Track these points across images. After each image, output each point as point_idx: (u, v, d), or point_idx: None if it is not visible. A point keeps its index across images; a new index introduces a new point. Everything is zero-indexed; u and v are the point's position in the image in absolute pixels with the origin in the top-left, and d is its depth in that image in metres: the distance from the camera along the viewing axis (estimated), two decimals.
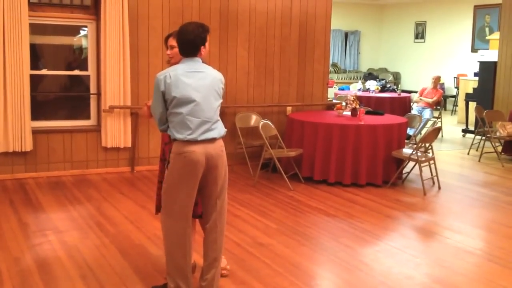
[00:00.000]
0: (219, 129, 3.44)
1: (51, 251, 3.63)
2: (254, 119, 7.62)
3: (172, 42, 3.68)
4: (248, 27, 7.78)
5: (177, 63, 3.51)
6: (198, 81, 3.38)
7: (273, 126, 6.80)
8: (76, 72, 7.30)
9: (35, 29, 6.83)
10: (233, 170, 7.46)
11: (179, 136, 3.31)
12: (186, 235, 3.44)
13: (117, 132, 6.91)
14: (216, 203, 3.51)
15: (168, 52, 3.76)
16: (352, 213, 5.60)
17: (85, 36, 7.18)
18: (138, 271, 4.00)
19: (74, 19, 6.98)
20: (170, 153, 3.37)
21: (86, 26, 7.10)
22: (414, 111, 10.15)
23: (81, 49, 7.92)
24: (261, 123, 6.70)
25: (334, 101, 9.11)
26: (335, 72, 15.71)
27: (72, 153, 6.77)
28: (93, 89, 7.11)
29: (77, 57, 8.06)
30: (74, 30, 7.32)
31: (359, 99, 7.66)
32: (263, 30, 7.90)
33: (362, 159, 6.55)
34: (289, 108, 8.06)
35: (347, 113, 7.23)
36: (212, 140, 3.38)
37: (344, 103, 7.49)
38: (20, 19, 6.32)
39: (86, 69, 7.14)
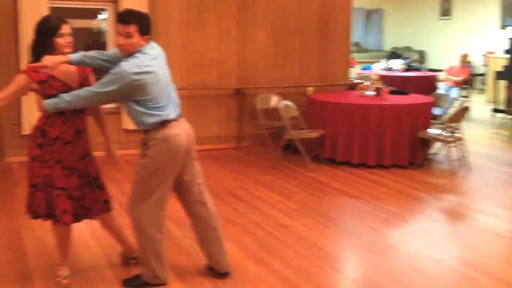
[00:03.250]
0: None
1: (75, 231, 3.58)
2: (274, 100, 7.49)
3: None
4: (267, 7, 7.62)
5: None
6: None
7: (294, 107, 6.67)
8: None
9: (55, 13, 6.75)
10: (254, 151, 7.37)
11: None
12: (162, 219, 3.35)
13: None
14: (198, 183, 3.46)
15: None
16: (377, 195, 5.46)
17: (104, 19, 7.11)
18: None
19: (93, 2, 6.90)
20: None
21: (104, 9, 7.02)
22: (440, 90, 9.88)
23: (99, 33, 7.87)
24: (281, 104, 6.57)
25: (356, 81, 8.90)
26: (357, 52, 15.43)
27: (93, 135, 6.71)
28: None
29: (96, 40, 8.01)
30: (92, 13, 7.25)
31: (383, 78, 7.46)
32: (283, 10, 7.72)
33: (386, 139, 6.38)
34: (309, 89, 7.90)
35: (371, 93, 7.05)
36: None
37: (367, 83, 7.31)
38: (39, 3, 6.25)
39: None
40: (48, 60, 3.14)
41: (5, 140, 6.48)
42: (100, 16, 7.38)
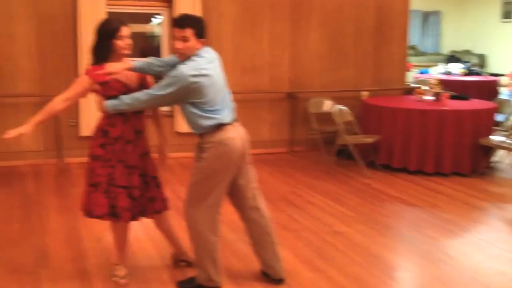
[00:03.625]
0: None
1: (132, 231, 3.62)
2: (327, 104, 7.40)
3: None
4: (322, 10, 7.54)
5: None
6: None
7: (348, 112, 6.57)
8: (151, 59, 7.34)
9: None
10: (306, 156, 7.31)
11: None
12: (217, 222, 3.34)
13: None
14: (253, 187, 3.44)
15: None
16: (435, 203, 5.30)
17: (159, 24, 7.21)
18: None
19: (149, 7, 7.01)
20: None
21: (160, 14, 7.12)
22: (503, 96, 9.53)
23: (153, 37, 7.99)
24: (335, 109, 6.48)
25: (413, 85, 8.70)
26: (414, 55, 15.09)
27: (150, 137, 6.80)
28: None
29: (150, 45, 8.14)
30: (147, 18, 7.37)
31: (442, 83, 7.26)
32: (337, 12, 7.63)
33: (446, 146, 6.19)
34: (364, 93, 7.77)
35: (429, 97, 6.86)
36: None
37: (425, 87, 7.12)
38: (98, 8, 6.41)
39: (158, 56, 7.17)
40: (111, 67, 3.20)
41: (63, 141, 6.65)
42: (154, 21, 7.49)
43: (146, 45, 8.48)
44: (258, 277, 3.57)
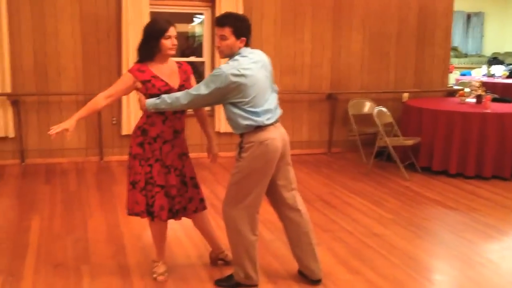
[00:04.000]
0: None
1: (171, 230, 3.68)
2: (367, 106, 7.35)
3: None
4: (365, 11, 7.49)
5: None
6: None
7: (388, 113, 6.50)
8: (192, 58, 7.43)
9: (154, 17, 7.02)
10: (345, 157, 7.27)
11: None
12: (255, 222, 3.35)
13: None
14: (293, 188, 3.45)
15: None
16: (475, 207, 5.20)
17: (199, 23, 7.28)
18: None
19: (191, 7, 7.09)
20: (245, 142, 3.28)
21: (202, 13, 7.19)
22: None
23: (193, 37, 8.07)
24: (375, 110, 6.43)
25: (455, 87, 8.55)
26: (455, 57, 14.81)
27: (188, 137, 6.88)
28: (207, 75, 7.21)
29: (190, 45, 8.22)
30: (188, 18, 7.45)
31: (484, 85, 7.11)
32: (380, 13, 7.56)
33: (487, 149, 6.08)
34: (405, 95, 7.68)
35: (471, 100, 6.74)
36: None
37: (467, 90, 6.99)
38: (141, 9, 6.52)
39: (199, 55, 7.25)
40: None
41: (105, 139, 6.79)
42: (195, 21, 7.57)
43: (187, 45, 8.58)
44: (295, 277, 3.58)
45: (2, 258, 3.83)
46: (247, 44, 3.29)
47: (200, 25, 7.53)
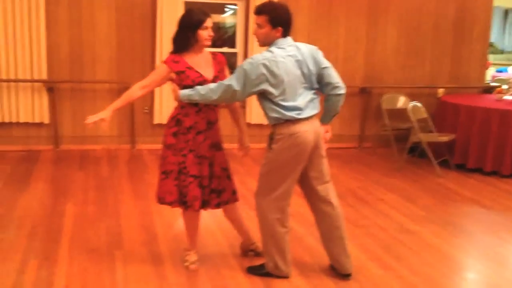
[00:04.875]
0: None
1: (203, 219, 3.68)
2: (402, 100, 7.25)
3: None
4: (401, 4, 7.37)
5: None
6: None
7: (423, 109, 6.40)
8: (225, 49, 7.42)
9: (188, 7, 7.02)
10: (377, 152, 7.19)
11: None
12: (285, 213, 3.34)
13: (261, 109, 6.90)
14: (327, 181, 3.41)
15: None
16: (510, 206, 5.09)
17: (232, 14, 7.26)
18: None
19: None
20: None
21: (235, 4, 7.17)
22: None
23: (224, 28, 8.05)
24: (410, 105, 6.34)
25: (492, 84, 8.37)
26: (491, 53, 14.48)
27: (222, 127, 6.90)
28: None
29: (221, 35, 8.20)
30: (219, 9, 7.43)
31: None
32: (417, 7, 7.43)
33: None
34: (440, 90, 7.54)
35: (509, 97, 6.59)
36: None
37: (505, 87, 6.84)
38: None
39: (230, 46, 7.23)
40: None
41: (137, 128, 6.84)
42: (227, 12, 7.55)
43: (218, 36, 8.56)
44: (326, 270, 3.56)
45: (37, 242, 3.89)
46: (285, 35, 3.25)
47: (231, 16, 7.50)
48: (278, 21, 3.19)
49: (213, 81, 3.33)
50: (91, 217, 4.44)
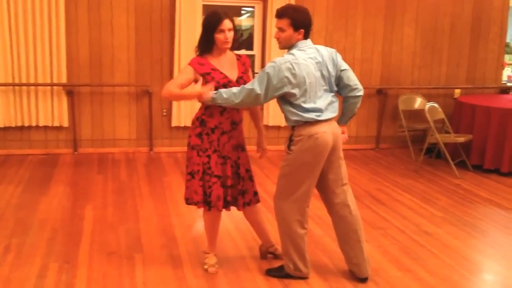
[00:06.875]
0: None
1: (221, 222, 3.71)
2: (418, 101, 7.23)
3: None
4: (419, 4, 7.35)
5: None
6: None
7: (440, 109, 6.38)
8: (243, 51, 7.46)
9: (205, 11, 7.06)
10: (393, 153, 7.18)
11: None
12: (305, 215, 3.36)
13: (278, 111, 6.92)
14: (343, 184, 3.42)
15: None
16: None
17: (248, 17, 7.29)
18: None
19: (244, 0, 7.10)
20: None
21: (253, 7, 7.20)
22: None
23: (240, 31, 8.08)
24: (427, 106, 6.32)
25: (508, 84, 8.31)
26: (507, 53, 14.35)
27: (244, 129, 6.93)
28: (257, 68, 7.22)
29: (237, 38, 8.24)
30: (236, 11, 7.46)
31: None
32: (433, 7, 7.41)
33: None
34: (457, 91, 7.52)
35: None
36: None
37: None
38: (195, 1, 6.58)
39: (248, 49, 7.27)
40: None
41: (155, 130, 6.90)
42: (244, 14, 7.58)
43: (235, 38, 8.60)
44: (345, 273, 3.58)
45: (57, 245, 3.96)
46: (306, 37, 3.28)
47: (248, 19, 7.53)
48: (300, 24, 3.23)
49: (237, 82, 3.38)
50: (110, 220, 4.49)
